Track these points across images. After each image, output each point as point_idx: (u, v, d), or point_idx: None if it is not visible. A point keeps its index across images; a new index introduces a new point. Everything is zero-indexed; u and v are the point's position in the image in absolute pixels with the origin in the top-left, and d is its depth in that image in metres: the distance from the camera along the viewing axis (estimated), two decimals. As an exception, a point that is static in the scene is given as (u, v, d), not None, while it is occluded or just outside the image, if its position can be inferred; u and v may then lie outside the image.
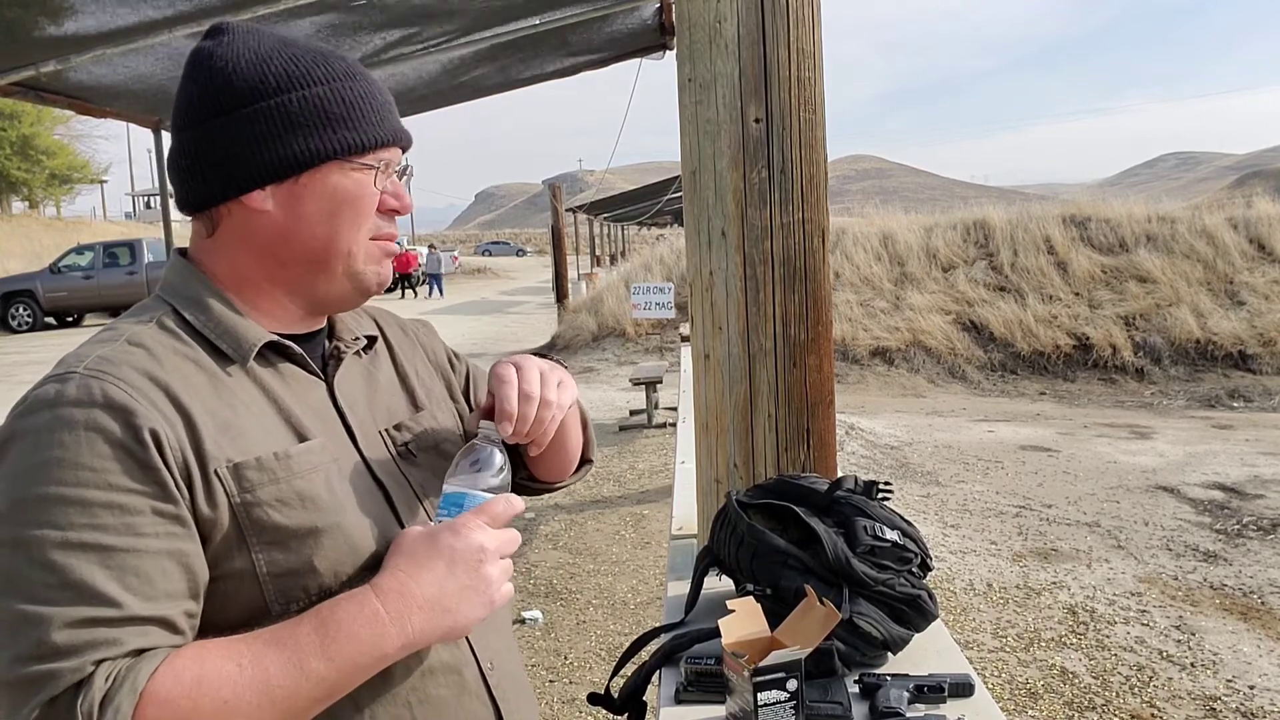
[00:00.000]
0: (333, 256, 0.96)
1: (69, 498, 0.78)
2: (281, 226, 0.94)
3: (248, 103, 0.92)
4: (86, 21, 2.66)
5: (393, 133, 0.98)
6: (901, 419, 9.29)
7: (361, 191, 0.96)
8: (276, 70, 0.93)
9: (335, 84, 0.95)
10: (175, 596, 0.81)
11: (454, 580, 0.87)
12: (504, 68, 4.55)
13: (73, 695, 0.73)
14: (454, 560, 0.88)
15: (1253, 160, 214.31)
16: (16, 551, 0.77)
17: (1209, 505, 6.14)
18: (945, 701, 1.25)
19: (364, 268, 0.98)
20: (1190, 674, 3.78)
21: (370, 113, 0.96)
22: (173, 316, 0.93)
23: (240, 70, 0.93)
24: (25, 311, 20.43)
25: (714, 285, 1.72)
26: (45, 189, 41.24)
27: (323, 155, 0.93)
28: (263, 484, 0.87)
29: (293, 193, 0.94)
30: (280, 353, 0.97)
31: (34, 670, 0.73)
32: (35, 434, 0.81)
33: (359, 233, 0.96)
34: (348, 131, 0.94)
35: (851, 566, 1.34)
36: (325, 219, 0.95)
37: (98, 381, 0.83)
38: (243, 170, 0.92)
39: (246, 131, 0.92)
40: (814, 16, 1.68)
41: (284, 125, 0.92)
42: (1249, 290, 12.08)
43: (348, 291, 0.99)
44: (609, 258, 33.22)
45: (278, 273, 0.96)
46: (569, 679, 3.90)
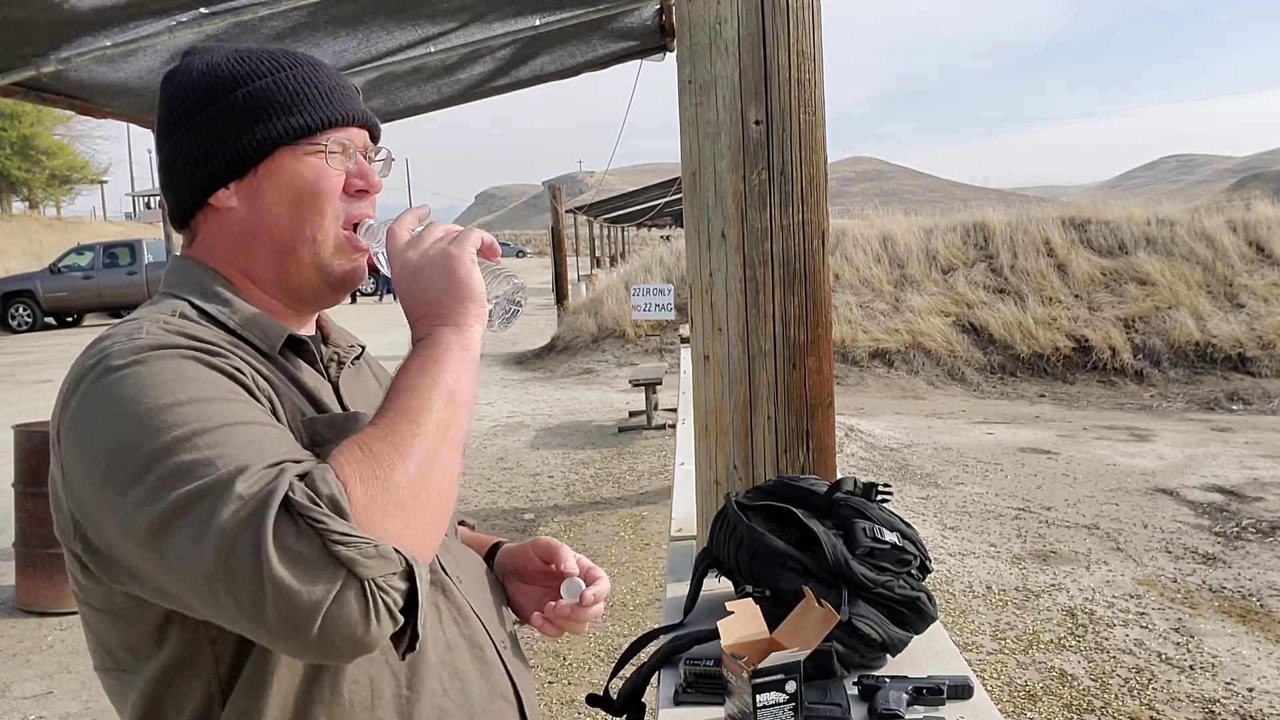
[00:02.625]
0: (299, 244, 0.97)
1: (196, 397, 0.79)
2: (248, 221, 0.96)
3: (200, 109, 0.96)
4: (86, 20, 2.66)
5: (344, 112, 0.99)
6: (901, 421, 9.29)
7: (318, 175, 0.96)
8: (223, 73, 0.96)
9: (279, 74, 0.97)
10: None
11: (414, 282, 0.91)
12: (505, 69, 4.55)
13: (287, 499, 0.72)
14: (400, 277, 0.92)
15: (1252, 163, 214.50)
16: (174, 450, 0.75)
17: (1208, 508, 6.14)
18: (944, 703, 1.25)
19: (331, 259, 0.98)
20: (1189, 676, 3.78)
21: (317, 95, 0.97)
22: (191, 310, 0.94)
23: (193, 80, 0.97)
24: (25, 311, 20.43)
25: (714, 287, 1.72)
26: (45, 189, 41.27)
27: (270, 142, 0.95)
28: (329, 440, 0.87)
29: (253, 186, 0.96)
30: (294, 349, 0.98)
31: (249, 506, 0.71)
32: (127, 373, 0.80)
33: (323, 219, 0.97)
34: (292, 116, 0.95)
35: (850, 568, 1.34)
36: (287, 207, 0.96)
37: (162, 337, 0.85)
38: (204, 173, 0.96)
39: (202, 135, 0.95)
40: (814, 18, 1.68)
41: (233, 122, 0.95)
42: (1248, 293, 12.08)
43: (317, 284, 0.99)
44: (609, 259, 33.22)
45: (252, 268, 0.98)
46: (568, 680, 3.90)
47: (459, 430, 0.85)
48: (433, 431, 0.81)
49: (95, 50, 2.90)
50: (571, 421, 9.34)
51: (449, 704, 0.94)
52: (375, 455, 0.78)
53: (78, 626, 4.63)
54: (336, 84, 1.00)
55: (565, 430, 8.93)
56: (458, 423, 0.85)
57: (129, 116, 3.86)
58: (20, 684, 4.02)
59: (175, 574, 0.74)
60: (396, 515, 0.76)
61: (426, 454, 0.80)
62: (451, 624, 0.97)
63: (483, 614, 1.03)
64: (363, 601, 0.71)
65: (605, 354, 13.45)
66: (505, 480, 7.08)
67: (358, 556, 0.71)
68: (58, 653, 4.31)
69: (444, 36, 3.66)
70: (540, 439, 8.57)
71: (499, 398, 10.90)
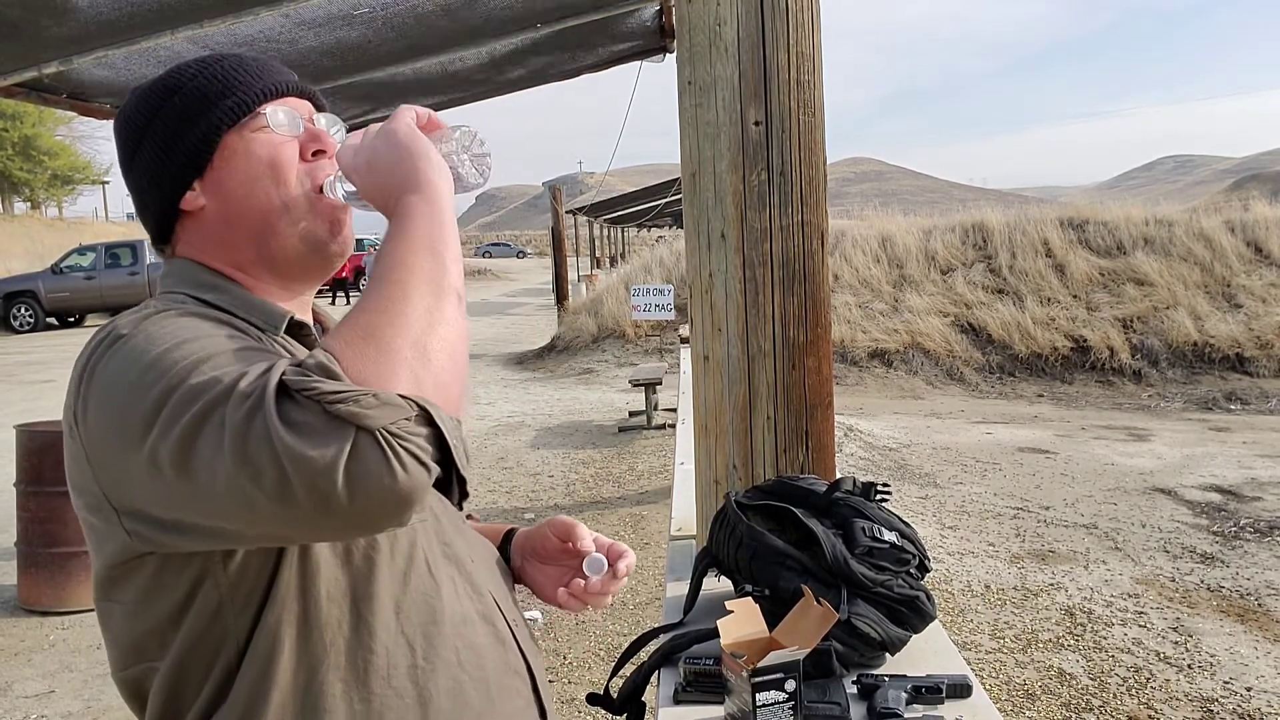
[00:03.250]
0: (272, 217, 0.98)
1: (199, 336, 0.82)
2: (221, 213, 0.98)
3: (144, 127, 0.99)
4: (87, 18, 2.67)
5: (276, 83, 1.01)
6: (900, 421, 9.30)
7: (269, 150, 0.98)
8: (156, 89, 1.00)
9: (206, 69, 1.00)
10: None
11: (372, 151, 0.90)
12: (504, 71, 4.55)
13: (282, 380, 0.73)
14: (355, 171, 0.92)
15: (1250, 163, 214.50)
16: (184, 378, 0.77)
17: (1206, 507, 6.15)
18: (943, 702, 1.26)
19: (311, 224, 0.99)
20: (1188, 675, 3.79)
21: (245, 75, 1.00)
22: (195, 303, 0.95)
23: (132, 108, 1.01)
24: (27, 312, 20.41)
25: (713, 287, 1.72)
26: (47, 190, 41.24)
27: (214, 130, 0.97)
28: None
29: (215, 179, 0.98)
30: (294, 334, 1.00)
31: (250, 400, 0.72)
32: (136, 335, 0.83)
33: (287, 187, 0.98)
34: (227, 99, 0.98)
35: (850, 568, 1.35)
36: (251, 186, 0.97)
37: (172, 304, 0.90)
38: (166, 183, 0.98)
39: (153, 150, 0.99)
40: (813, 20, 1.69)
41: (176, 126, 0.98)
42: (1246, 293, 12.09)
43: (303, 252, 1.00)
44: (609, 259, 33.22)
45: (239, 257, 0.99)
46: (568, 679, 3.91)
47: (450, 279, 0.83)
48: (421, 286, 0.81)
49: (97, 52, 2.91)
50: (571, 421, 9.35)
51: (464, 676, 0.94)
52: (365, 324, 0.77)
53: (80, 626, 4.65)
54: (263, 63, 1.03)
55: (565, 430, 8.93)
56: (446, 271, 0.83)
57: (130, 117, 3.86)
58: (22, 683, 4.02)
59: (209, 492, 0.74)
60: (402, 371, 0.75)
61: (420, 308, 0.79)
62: (466, 598, 0.98)
63: (496, 593, 1.04)
64: (378, 451, 0.71)
65: (605, 354, 13.46)
66: (505, 480, 7.09)
67: (358, 409, 0.71)
68: (60, 652, 4.32)
69: (445, 40, 3.66)
70: (540, 439, 8.57)
71: (499, 398, 10.91)
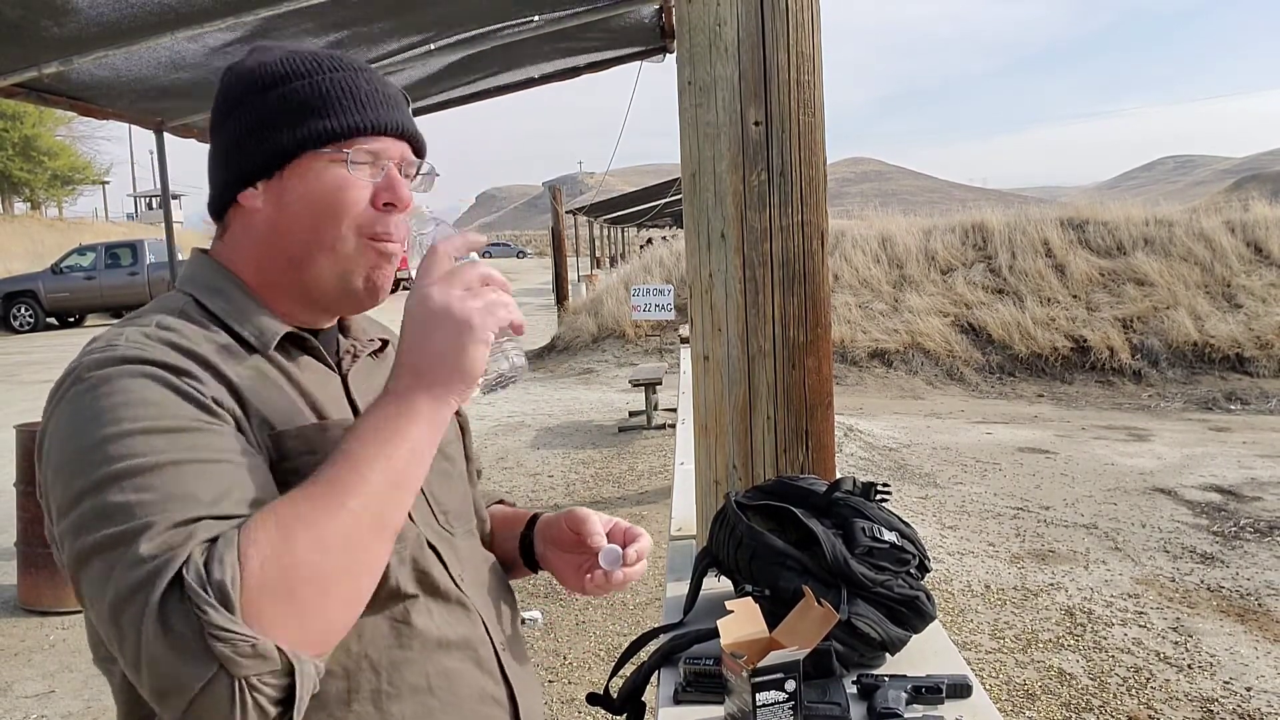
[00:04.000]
0: (317, 252, 0.95)
1: (146, 428, 0.79)
2: (272, 222, 0.95)
3: (238, 105, 0.95)
4: (88, 22, 2.67)
5: (377, 121, 0.95)
6: (900, 421, 9.30)
7: (341, 184, 0.94)
8: (266, 72, 0.95)
9: (317, 76, 0.94)
10: (260, 503, 0.81)
11: (415, 337, 0.85)
12: (505, 70, 4.56)
13: (179, 575, 0.72)
14: (407, 325, 0.87)
15: (1250, 164, 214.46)
16: (108, 487, 0.76)
17: (1206, 508, 6.15)
18: (943, 702, 1.25)
19: (352, 267, 0.96)
20: (1188, 675, 3.79)
21: (350, 101, 0.94)
22: (195, 306, 0.95)
23: (239, 75, 0.97)
24: (27, 312, 20.42)
25: (713, 287, 1.72)
26: (47, 190, 41.24)
27: (297, 146, 0.93)
28: (300, 454, 0.88)
29: (279, 188, 0.95)
30: (298, 345, 0.98)
31: (144, 571, 0.72)
32: (89, 393, 0.81)
33: (340, 229, 0.94)
34: (322, 120, 0.93)
35: (850, 568, 1.35)
36: (307, 213, 0.94)
37: (142, 348, 0.85)
38: (234, 170, 0.96)
39: (237, 132, 0.95)
40: (814, 20, 1.69)
41: (265, 121, 0.94)
42: (1246, 293, 12.09)
43: (337, 291, 0.97)
44: (609, 259, 33.22)
45: (273, 269, 0.97)
46: (568, 679, 3.91)
47: (394, 518, 0.82)
48: (362, 515, 0.78)
49: (97, 52, 2.91)
50: (571, 421, 9.35)
51: (434, 702, 0.93)
52: (288, 533, 0.75)
53: (79, 625, 4.65)
54: (376, 91, 0.97)
55: (565, 430, 8.93)
56: (395, 508, 0.81)
57: (130, 117, 3.87)
58: (22, 683, 4.02)
59: (87, 604, 0.78)
60: (292, 608, 0.74)
61: (347, 541, 0.77)
62: (446, 622, 0.97)
63: (485, 613, 1.03)
64: (229, 694, 0.71)
65: (605, 354, 13.46)
66: (505, 480, 7.09)
67: (232, 655, 0.70)
68: (60, 652, 4.32)
69: (446, 39, 3.66)
70: (540, 439, 8.57)
71: (499, 397, 10.91)
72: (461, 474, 1.13)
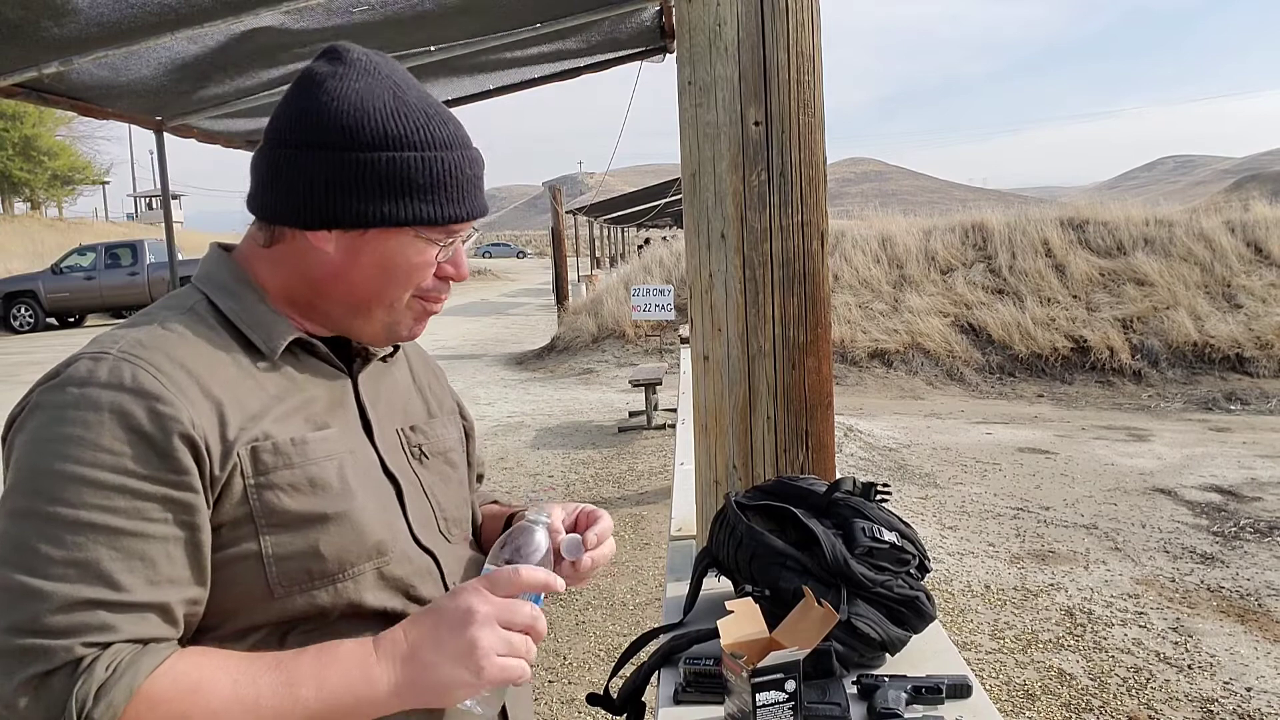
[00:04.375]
0: (375, 308, 0.98)
1: (85, 477, 0.80)
2: (336, 268, 0.95)
3: (338, 147, 0.91)
4: (88, 22, 2.67)
5: (471, 211, 0.98)
6: (900, 421, 9.30)
7: (422, 260, 0.97)
8: (376, 124, 0.92)
9: (429, 153, 0.93)
10: (179, 583, 0.83)
11: (434, 637, 0.86)
12: (504, 71, 4.55)
13: (69, 676, 0.75)
14: (439, 618, 0.87)
15: (1250, 164, 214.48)
16: (27, 521, 0.79)
17: (1206, 508, 6.15)
18: (943, 702, 1.25)
19: (401, 320, 1.00)
20: (1188, 676, 3.79)
21: (455, 189, 0.95)
22: (206, 305, 0.95)
23: (342, 111, 0.92)
24: (27, 312, 20.42)
25: (713, 287, 1.72)
26: (47, 190, 41.27)
27: (395, 221, 0.93)
28: (277, 468, 0.89)
29: (356, 244, 0.95)
30: (307, 349, 0.98)
31: (26, 643, 0.75)
32: (60, 409, 0.82)
33: (405, 292, 0.98)
34: (426, 205, 0.94)
35: (850, 568, 1.35)
36: (379, 275, 0.96)
37: (129, 365, 0.84)
38: (315, 208, 0.93)
39: (329, 175, 0.91)
40: (813, 20, 1.69)
41: (367, 181, 0.92)
42: (1246, 293, 12.09)
43: (379, 336, 1.01)
44: (609, 260, 33.22)
45: (319, 301, 0.98)
46: (568, 679, 3.91)
47: None
48: None
49: (97, 52, 2.91)
50: (571, 421, 9.35)
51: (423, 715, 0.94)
52: (189, 712, 0.78)
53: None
54: (473, 177, 0.98)
55: (565, 430, 8.93)
56: None
57: (130, 118, 3.87)
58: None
59: None
60: None
61: None
62: None
63: None
64: None
65: (605, 354, 13.46)
66: (505, 480, 7.08)
67: None
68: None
69: (445, 38, 3.66)
70: (540, 439, 8.57)
71: (499, 398, 10.91)
72: (462, 480, 1.14)
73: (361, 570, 0.92)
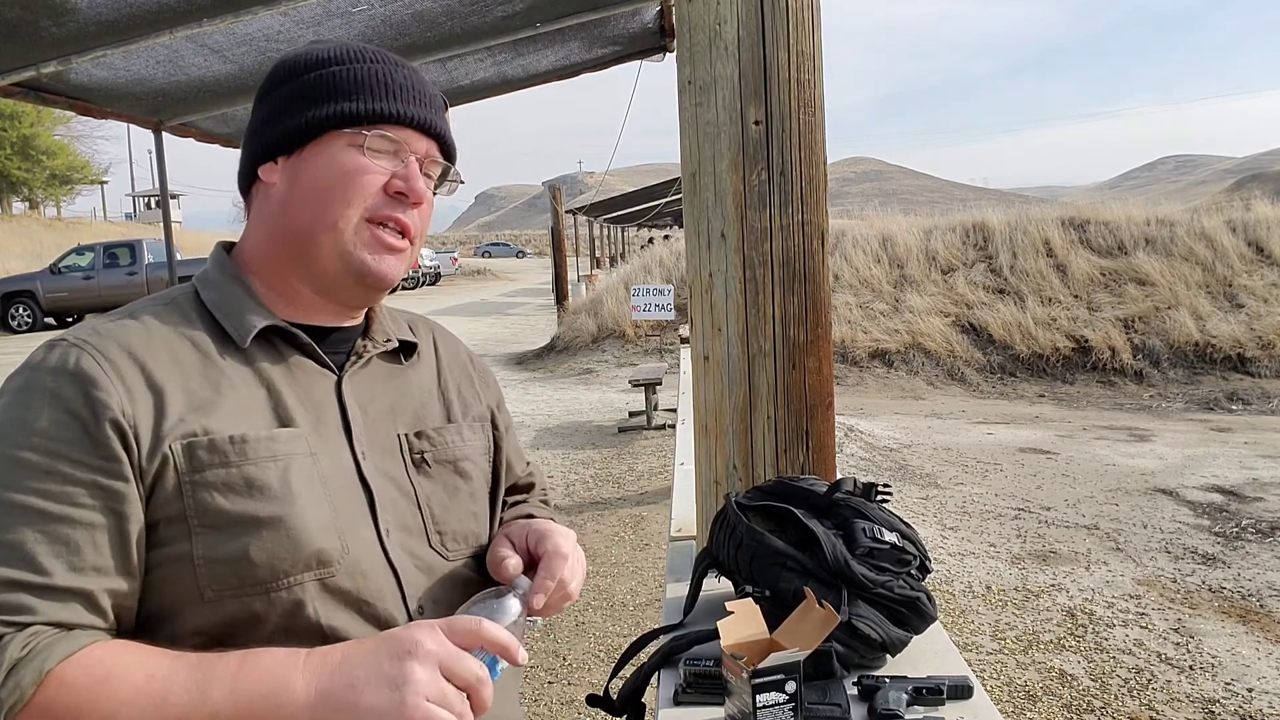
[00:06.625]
0: (319, 229, 0.95)
1: (18, 458, 0.81)
2: (283, 199, 0.96)
3: (278, 85, 0.98)
4: (86, 21, 2.66)
5: (403, 112, 0.96)
6: (900, 421, 9.29)
7: (357, 166, 0.95)
8: (310, 57, 0.98)
9: (354, 64, 0.97)
10: (104, 571, 0.82)
11: (373, 659, 0.80)
12: (504, 70, 4.55)
13: None
14: (384, 641, 0.82)
15: (1251, 163, 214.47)
16: None
17: (1208, 508, 6.15)
18: (944, 703, 1.25)
19: (354, 249, 0.95)
20: (1189, 676, 3.78)
21: (381, 89, 0.96)
22: (190, 297, 0.96)
23: (286, 60, 1.00)
24: (25, 312, 20.41)
25: (713, 287, 1.72)
26: (46, 189, 41.31)
27: (319, 124, 0.95)
28: (212, 466, 0.86)
29: (296, 165, 0.96)
30: (289, 341, 0.96)
31: None
32: (10, 393, 0.85)
33: (348, 208, 0.95)
34: (348, 103, 0.95)
35: (850, 568, 1.34)
36: (318, 191, 0.95)
37: (76, 350, 0.86)
38: (260, 143, 0.98)
39: (269, 109, 0.98)
40: (814, 19, 1.68)
41: (295, 100, 0.96)
42: (1247, 293, 12.09)
43: (340, 272, 0.96)
44: (609, 259, 33.22)
45: (280, 250, 0.98)
46: (567, 680, 3.90)
47: None
48: None
49: (95, 52, 2.90)
50: (571, 421, 9.34)
51: None
52: (91, 707, 0.76)
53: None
54: (411, 86, 0.98)
55: (565, 430, 8.93)
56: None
57: (129, 117, 3.86)
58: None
59: None
60: None
61: None
62: None
63: None
64: None
65: (605, 354, 13.45)
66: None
67: None
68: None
69: (445, 37, 3.66)
70: (540, 439, 8.57)
71: (499, 398, 10.90)
72: (474, 492, 1.07)
73: (299, 580, 0.88)
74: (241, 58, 3.26)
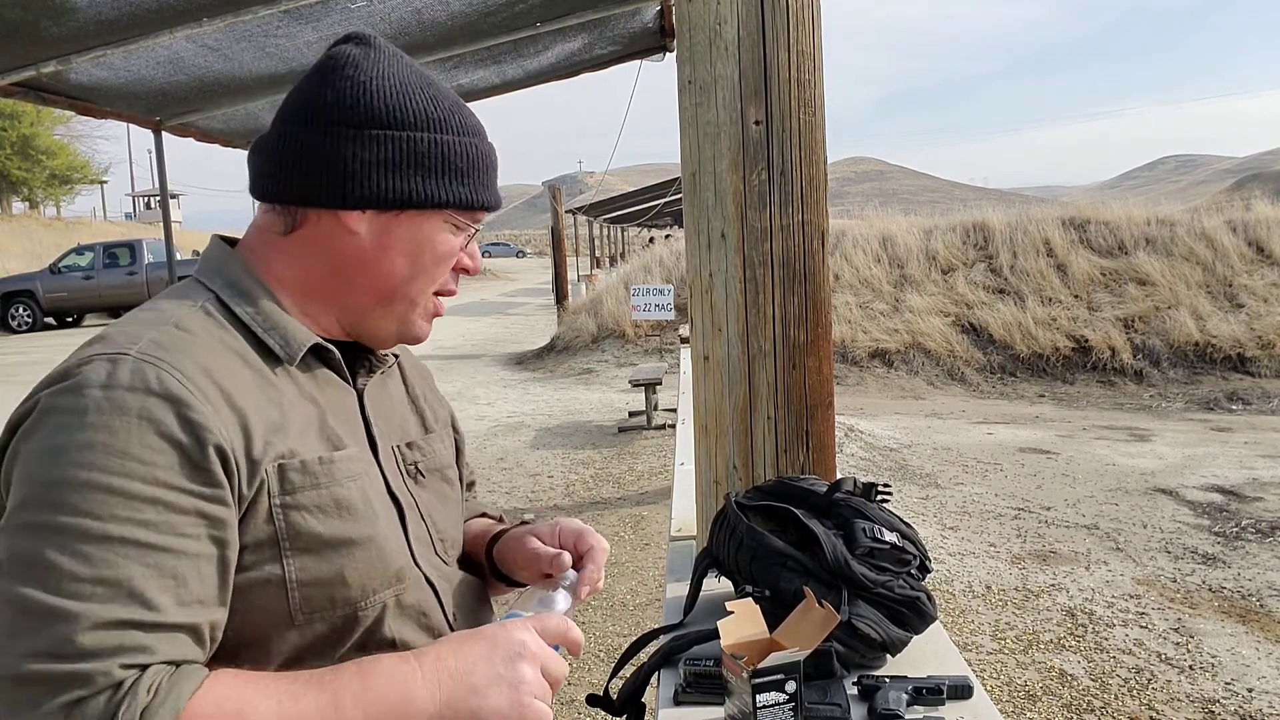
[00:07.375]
0: (398, 298, 0.96)
1: (113, 487, 0.73)
2: (365, 254, 0.93)
3: (381, 126, 0.91)
4: (86, 21, 2.66)
5: (495, 200, 1.00)
6: (900, 421, 9.29)
7: (450, 246, 0.97)
8: (417, 106, 0.93)
9: (465, 138, 0.96)
10: (208, 604, 0.78)
11: (488, 663, 0.83)
12: (504, 69, 4.55)
13: (108, 701, 0.69)
14: (494, 645, 0.85)
15: (1252, 163, 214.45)
16: (49, 537, 0.72)
17: (1208, 508, 6.15)
18: (944, 703, 1.25)
19: (417, 320, 0.99)
20: (1189, 676, 3.78)
21: (485, 175, 0.97)
22: (216, 304, 0.90)
23: (383, 91, 0.92)
24: (25, 312, 20.42)
25: (714, 287, 1.72)
26: (45, 189, 41.32)
27: (435, 202, 0.94)
28: (304, 488, 0.85)
29: (389, 225, 0.93)
30: (319, 357, 0.94)
31: (56, 669, 0.68)
32: (79, 413, 0.75)
33: (430, 285, 0.97)
34: (463, 187, 0.95)
35: (850, 568, 1.34)
36: (408, 260, 0.95)
37: (153, 368, 0.78)
38: (354, 188, 0.90)
39: (371, 153, 0.90)
40: (814, 18, 1.68)
41: (409, 161, 0.92)
42: (1247, 293, 12.09)
43: (391, 336, 0.99)
44: (609, 259, 33.22)
45: (340, 293, 0.95)
46: (567, 680, 3.89)
47: None
48: None
49: (95, 52, 2.90)
50: (571, 421, 9.34)
51: None
52: None
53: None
54: (495, 165, 1.00)
55: (565, 430, 8.93)
56: None
57: (129, 117, 3.86)
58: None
59: None
60: None
61: None
62: None
63: None
64: None
65: (605, 354, 13.45)
66: (505, 480, 7.08)
67: None
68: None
69: (445, 36, 3.66)
70: (540, 439, 8.57)
71: (499, 398, 10.90)
72: (458, 499, 1.11)
73: (383, 598, 0.90)
74: (241, 55, 3.26)
